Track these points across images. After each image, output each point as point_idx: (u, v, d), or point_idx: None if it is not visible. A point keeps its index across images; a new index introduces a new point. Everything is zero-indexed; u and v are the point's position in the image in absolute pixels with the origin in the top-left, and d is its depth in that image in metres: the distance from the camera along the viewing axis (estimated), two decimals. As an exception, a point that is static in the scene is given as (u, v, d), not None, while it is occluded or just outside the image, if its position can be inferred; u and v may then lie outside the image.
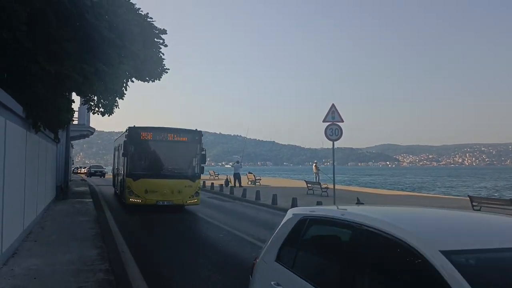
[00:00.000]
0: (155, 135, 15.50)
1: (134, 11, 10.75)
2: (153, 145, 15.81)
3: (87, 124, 26.86)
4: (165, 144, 15.70)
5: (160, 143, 15.72)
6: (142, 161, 15.76)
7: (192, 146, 15.87)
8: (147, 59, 10.61)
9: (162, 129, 15.77)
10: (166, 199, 15.04)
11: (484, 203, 14.44)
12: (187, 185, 15.38)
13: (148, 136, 15.41)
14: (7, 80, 8.03)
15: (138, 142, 15.27)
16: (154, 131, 15.52)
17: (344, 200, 19.23)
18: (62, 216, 13.11)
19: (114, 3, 9.49)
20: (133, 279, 6.80)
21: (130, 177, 15.05)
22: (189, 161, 16.09)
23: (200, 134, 16.09)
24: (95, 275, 6.46)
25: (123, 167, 16.33)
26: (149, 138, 15.47)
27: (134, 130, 15.43)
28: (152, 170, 15.48)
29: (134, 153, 15.34)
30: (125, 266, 7.55)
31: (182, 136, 15.79)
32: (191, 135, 15.94)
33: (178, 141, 15.70)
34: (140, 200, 14.94)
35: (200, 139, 15.98)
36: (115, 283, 6.14)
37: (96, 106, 12.44)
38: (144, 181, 14.97)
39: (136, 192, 14.89)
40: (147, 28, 11.09)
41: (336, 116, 15.36)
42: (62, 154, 21.61)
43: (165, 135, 15.54)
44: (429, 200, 22.65)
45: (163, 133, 15.60)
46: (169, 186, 15.08)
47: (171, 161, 16.12)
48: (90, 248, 8.38)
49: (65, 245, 8.63)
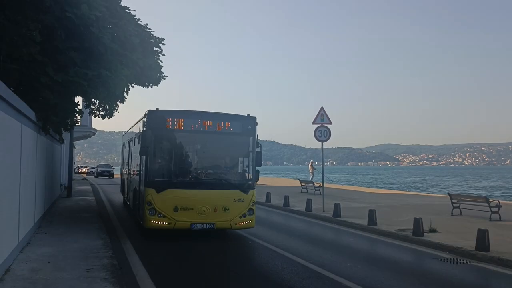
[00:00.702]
0: (188, 123, 10.30)
1: (134, 22, 11.67)
2: (185, 137, 10.73)
3: (89, 125, 27.82)
4: (204, 137, 10.67)
5: (196, 135, 10.62)
6: (169, 163, 10.62)
7: (243, 140, 10.78)
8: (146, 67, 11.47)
9: (199, 114, 10.44)
10: (205, 221, 9.93)
11: (462, 201, 15.36)
12: (236, 199, 10.26)
13: (178, 124, 10.21)
14: (20, 88, 8.99)
15: (162, 133, 10.22)
16: (186, 117, 10.30)
17: (331, 197, 20.26)
18: (67, 212, 14.06)
19: (116, 16, 10.42)
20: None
21: (151, 187, 9.81)
22: (239, 162, 11.21)
23: (255, 121, 10.75)
24: (100, 260, 7.40)
25: (139, 171, 11.12)
26: (179, 128, 10.26)
27: (157, 115, 10.10)
28: (185, 176, 10.42)
29: (157, 150, 10.25)
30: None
31: (228, 125, 10.55)
32: (242, 123, 10.69)
33: (223, 132, 10.50)
34: (166, 223, 9.75)
35: (255, 129, 10.73)
36: (119, 266, 7.08)
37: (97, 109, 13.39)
38: (172, 193, 9.83)
39: (160, 210, 9.71)
40: (146, 38, 12.00)
41: (325, 118, 16.26)
42: (66, 154, 22.56)
43: (204, 122, 10.30)
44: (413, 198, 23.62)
45: (200, 119, 10.32)
46: (210, 201, 9.99)
47: (212, 162, 11.16)
48: (95, 239, 9.32)
49: (73, 236, 9.57)
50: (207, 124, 10.33)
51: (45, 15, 8.87)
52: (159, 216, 9.77)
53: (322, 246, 10.45)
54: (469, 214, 14.87)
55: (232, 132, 10.66)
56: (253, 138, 10.71)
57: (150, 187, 9.84)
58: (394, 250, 10.26)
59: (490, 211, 14.03)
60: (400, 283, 7.27)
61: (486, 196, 15.07)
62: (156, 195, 9.78)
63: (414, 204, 19.64)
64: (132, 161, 14.09)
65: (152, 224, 9.82)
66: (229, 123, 10.55)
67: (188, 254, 9.04)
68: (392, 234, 11.71)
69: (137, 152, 11.52)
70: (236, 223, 10.30)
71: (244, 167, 10.91)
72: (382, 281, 7.31)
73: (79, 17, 9.14)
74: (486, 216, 14.08)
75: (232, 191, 10.30)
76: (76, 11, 9.13)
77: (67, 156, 22.61)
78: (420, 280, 7.51)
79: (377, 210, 13.58)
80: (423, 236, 11.00)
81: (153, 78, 13.20)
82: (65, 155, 22.68)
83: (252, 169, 10.64)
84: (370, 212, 13.00)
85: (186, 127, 10.33)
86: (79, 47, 9.60)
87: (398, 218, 14.29)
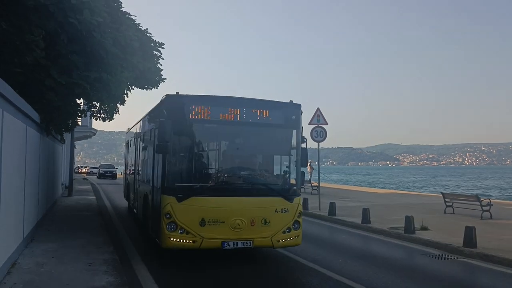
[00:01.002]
0: (216, 111, 8.09)
1: (135, 26, 12.02)
2: (213, 130, 8.56)
3: (89, 126, 28.21)
4: (236, 129, 8.52)
5: (227, 128, 8.43)
6: (194, 163, 8.28)
7: (284, 133, 8.60)
8: (146, 70, 11.84)
9: (229, 100, 8.41)
10: (240, 237, 7.75)
11: (455, 199, 15.72)
12: (279, 209, 8.08)
13: (204, 113, 7.99)
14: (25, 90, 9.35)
15: (184, 125, 7.97)
16: (214, 103, 8.15)
17: (328, 196, 20.66)
18: (69, 210, 14.43)
19: (117, 21, 10.76)
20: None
21: (170, 195, 7.66)
22: (279, 161, 8.87)
23: (299, 110, 8.65)
24: (102, 255, 7.76)
25: (152, 174, 8.98)
26: (206, 118, 8.03)
27: (177, 101, 7.98)
28: (214, 179, 8.30)
29: (178, 146, 7.97)
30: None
31: (267, 114, 8.36)
32: (284, 112, 8.57)
33: (261, 123, 8.35)
34: (190, 241, 7.57)
35: (299, 120, 8.64)
36: (119, 261, 7.45)
37: (98, 112, 13.76)
38: (198, 202, 7.68)
39: (183, 224, 7.54)
40: (146, 42, 12.35)
41: (321, 119, 16.62)
42: (66, 154, 22.94)
43: (236, 111, 8.15)
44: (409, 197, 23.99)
45: (231, 106, 8.16)
46: (246, 212, 7.83)
47: (248, 161, 8.84)
48: (96, 236, 9.69)
49: (74, 233, 9.93)
50: (241, 113, 8.12)
51: (48, 20, 9.23)
52: (181, 232, 7.47)
53: (316, 244, 10.81)
54: (461, 213, 15.24)
55: (271, 124, 8.40)
56: (298, 131, 8.53)
57: (169, 194, 7.58)
58: (385, 246, 10.62)
59: (482, 210, 14.39)
60: (388, 276, 7.63)
61: (477, 195, 15.43)
62: (177, 205, 7.50)
63: (409, 203, 20.00)
64: (141, 162, 11.58)
65: (172, 243, 7.48)
66: (268, 111, 8.28)
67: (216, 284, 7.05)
68: (385, 231, 12.07)
69: (149, 150, 9.79)
70: (279, 240, 8.02)
71: (286, 168, 8.58)
72: (370, 274, 7.68)
73: (82, 22, 9.50)
74: (478, 215, 14.43)
75: (274, 199, 8.08)
76: (79, 16, 9.48)
77: (68, 156, 22.99)
78: (408, 274, 7.89)
79: (372, 209, 13.94)
80: (414, 233, 11.37)
81: (152, 81, 13.58)
82: (66, 155, 23.06)
83: (297, 170, 8.50)
84: (364, 211, 13.37)
85: (214, 116, 8.02)
86: (81, 51, 9.96)
87: (391, 216, 14.65)
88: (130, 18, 11.79)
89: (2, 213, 6.03)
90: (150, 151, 9.47)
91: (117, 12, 10.95)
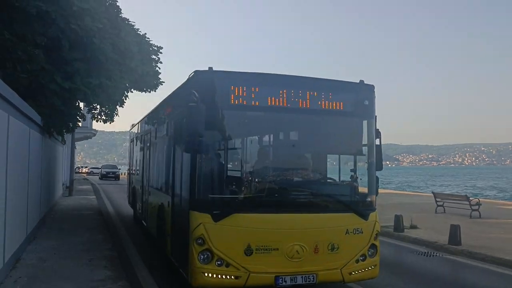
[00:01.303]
0: (264, 94, 5.85)
1: (134, 32, 12.46)
2: (260, 120, 6.33)
3: (90, 127, 28.63)
4: (292, 119, 6.37)
5: (279, 116, 6.21)
6: (234, 166, 6.55)
7: (354, 125, 6.44)
8: (144, 74, 12.28)
9: (281, 79, 6.17)
10: (300, 270, 5.64)
11: (446, 199, 16.12)
12: (351, 229, 5.97)
13: (248, 96, 5.73)
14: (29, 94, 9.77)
15: (221, 112, 5.74)
16: (262, 83, 5.93)
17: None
18: (70, 209, 14.85)
19: (116, 27, 11.18)
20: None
21: (203, 211, 5.52)
22: (347, 163, 6.68)
23: (372, 92, 6.44)
24: (101, 252, 8.17)
25: (172, 180, 6.85)
26: (250, 103, 5.75)
27: (212, 79, 5.72)
28: (263, 190, 5.97)
29: (213, 142, 5.78)
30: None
31: (330, 98, 6.13)
32: (353, 95, 6.37)
33: (323, 110, 6.12)
34: (232, 277, 5.46)
35: (373, 106, 6.40)
36: (118, 256, 7.86)
37: (98, 114, 14.20)
38: (242, 221, 5.57)
39: (221, 253, 5.44)
40: (145, 47, 12.80)
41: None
42: (67, 154, 23.36)
43: (291, 93, 5.94)
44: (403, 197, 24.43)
45: (284, 88, 5.94)
46: (308, 234, 5.75)
47: (306, 164, 6.53)
48: (96, 234, 10.11)
49: (75, 231, 10.35)
50: (298, 96, 5.84)
51: (51, 27, 9.64)
52: (219, 264, 5.37)
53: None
54: (452, 212, 15.64)
55: (338, 111, 6.10)
56: (370, 121, 6.26)
57: (201, 210, 5.44)
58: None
59: (471, 209, 14.79)
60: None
61: (467, 195, 15.86)
62: (214, 226, 5.37)
63: (402, 202, 20.37)
64: (153, 163, 9.25)
65: (207, 280, 5.38)
66: (333, 94, 6.01)
67: None
68: (375, 230, 12.46)
69: (166, 148, 7.53)
70: (351, 272, 5.87)
71: (359, 173, 6.28)
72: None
73: (83, 28, 9.91)
74: (468, 214, 14.83)
75: (344, 216, 5.95)
76: (80, 23, 9.90)
77: (68, 156, 23.41)
78: (394, 270, 8.26)
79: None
80: (403, 231, 11.77)
81: (151, 84, 14.02)
82: (67, 156, 23.48)
83: (370, 175, 6.24)
84: (356, 210, 13.75)
85: (262, 101, 5.71)
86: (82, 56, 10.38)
87: (383, 216, 14.87)
88: (130, 24, 12.22)
89: (8, 212, 6.43)
90: (169, 150, 7.16)
91: (116, 18, 11.38)
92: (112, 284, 6.07)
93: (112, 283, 6.10)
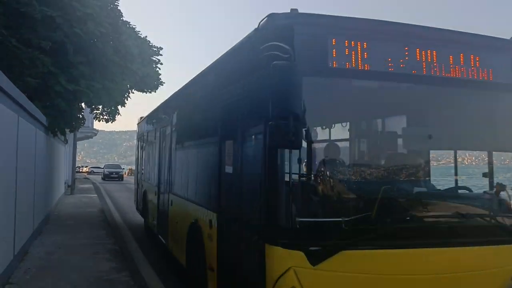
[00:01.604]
0: (380, 52, 3.52)
1: (135, 35, 12.90)
2: (377, 96, 3.83)
3: (91, 126, 29.05)
4: (425, 93, 3.82)
5: (406, 90, 3.81)
6: (340, 170, 3.85)
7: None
8: (145, 75, 12.72)
9: (406, 29, 3.74)
10: None
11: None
12: None
13: (359, 56, 3.40)
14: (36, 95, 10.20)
15: (316, 84, 3.37)
16: (379, 35, 3.57)
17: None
18: (72, 207, 15.27)
19: (118, 31, 11.60)
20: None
21: (289, 246, 3.13)
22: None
23: None
24: (104, 246, 8.59)
25: (220, 187, 4.62)
26: (362, 66, 3.41)
27: (302, 26, 3.35)
28: (391, 210, 3.51)
29: (309, 132, 3.30)
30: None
31: (480, 63, 3.69)
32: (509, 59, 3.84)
33: (473, 81, 3.68)
34: None
35: None
36: (120, 251, 8.29)
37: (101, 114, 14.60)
38: (360, 262, 3.21)
39: None
40: (145, 49, 13.24)
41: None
42: (69, 154, 23.78)
43: (423, 54, 3.55)
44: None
45: (411, 44, 3.56)
46: (467, 281, 3.34)
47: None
48: (99, 230, 10.52)
49: (79, 227, 10.76)
50: (432, 57, 3.67)
51: (55, 31, 10.05)
52: None
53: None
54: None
55: (493, 83, 3.89)
56: None
57: (287, 244, 3.21)
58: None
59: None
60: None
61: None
62: (311, 272, 3.18)
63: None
64: (182, 163, 6.79)
65: None
66: (484, 57, 3.85)
67: None
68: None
69: (210, 140, 5.21)
70: None
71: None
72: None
73: (86, 33, 10.34)
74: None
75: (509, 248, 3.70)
76: (83, 27, 10.33)
77: (70, 155, 23.82)
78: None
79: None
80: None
81: (151, 85, 14.45)
82: (69, 155, 23.90)
83: None
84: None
85: (378, 64, 3.59)
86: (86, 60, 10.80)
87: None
88: (130, 27, 12.65)
89: (18, 208, 6.86)
90: (216, 143, 4.86)
91: (117, 22, 11.79)
92: (116, 274, 6.49)
93: (115, 274, 6.52)
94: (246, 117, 4.03)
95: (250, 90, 3.88)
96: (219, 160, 4.65)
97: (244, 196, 3.93)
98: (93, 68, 10.70)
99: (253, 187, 3.66)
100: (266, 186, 3.36)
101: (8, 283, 5.88)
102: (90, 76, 10.37)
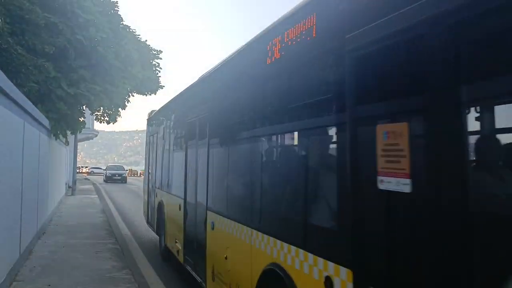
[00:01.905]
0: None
1: (135, 39, 13.20)
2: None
3: (91, 128, 29.36)
4: None
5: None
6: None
7: None
8: (145, 79, 13.03)
9: None
10: None
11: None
12: None
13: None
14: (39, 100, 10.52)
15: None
16: None
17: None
18: (74, 208, 15.57)
19: (118, 36, 11.93)
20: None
21: None
22: None
23: None
24: (106, 245, 8.89)
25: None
26: None
27: None
28: None
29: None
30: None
31: None
32: None
33: None
34: None
35: None
36: (121, 249, 8.59)
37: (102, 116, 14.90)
38: None
39: None
40: (145, 52, 13.55)
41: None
42: (70, 155, 24.09)
43: None
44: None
45: None
46: None
47: None
48: (100, 230, 10.82)
49: (81, 227, 11.06)
50: None
51: (58, 37, 10.37)
52: None
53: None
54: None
55: None
56: None
57: None
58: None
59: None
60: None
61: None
62: None
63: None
64: (234, 171, 4.66)
65: None
66: None
67: None
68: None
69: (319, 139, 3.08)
70: None
71: None
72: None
73: (88, 38, 10.66)
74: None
75: None
76: (85, 33, 10.66)
77: (71, 157, 24.13)
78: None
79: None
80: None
81: (151, 88, 14.77)
82: (69, 156, 24.21)
83: None
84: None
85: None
86: (87, 64, 11.11)
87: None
88: (131, 32, 12.96)
89: (24, 209, 7.16)
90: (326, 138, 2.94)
91: (118, 27, 12.11)
92: (117, 272, 6.79)
93: (117, 272, 6.82)
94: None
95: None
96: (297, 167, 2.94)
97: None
98: (94, 72, 11.01)
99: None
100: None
101: (16, 280, 6.19)
102: (91, 80, 10.68)
